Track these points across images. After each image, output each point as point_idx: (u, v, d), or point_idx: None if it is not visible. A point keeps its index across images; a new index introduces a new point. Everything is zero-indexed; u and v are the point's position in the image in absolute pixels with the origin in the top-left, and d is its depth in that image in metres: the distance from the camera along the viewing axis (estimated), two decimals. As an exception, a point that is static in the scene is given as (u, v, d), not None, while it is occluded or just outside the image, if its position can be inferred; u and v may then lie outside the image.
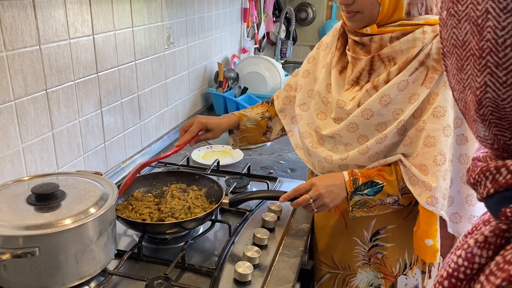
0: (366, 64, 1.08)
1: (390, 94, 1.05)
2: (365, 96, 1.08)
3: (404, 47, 1.04)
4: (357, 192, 1.08)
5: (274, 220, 1.24)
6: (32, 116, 1.15)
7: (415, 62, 1.03)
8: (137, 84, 1.63)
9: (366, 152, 1.09)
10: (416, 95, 1.04)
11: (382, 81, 1.06)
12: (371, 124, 1.08)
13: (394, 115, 1.06)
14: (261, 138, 1.38)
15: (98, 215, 0.93)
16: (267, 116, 1.37)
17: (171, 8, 1.79)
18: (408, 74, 1.03)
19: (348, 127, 1.11)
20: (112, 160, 1.55)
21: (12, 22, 1.05)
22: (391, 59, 1.06)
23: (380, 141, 1.07)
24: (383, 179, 1.08)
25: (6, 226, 0.86)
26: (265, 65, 2.46)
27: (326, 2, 3.58)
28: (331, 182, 1.10)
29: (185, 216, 1.13)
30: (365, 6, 1.03)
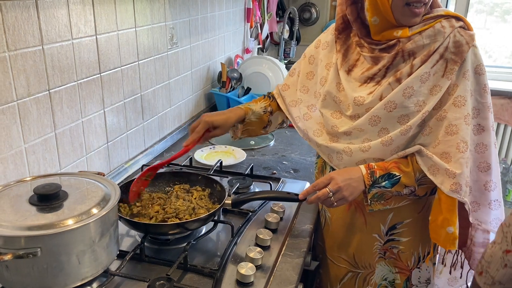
0: (389, 61, 1.10)
1: (413, 86, 1.07)
2: (387, 90, 1.10)
3: (426, 42, 1.08)
4: (375, 184, 1.10)
5: (277, 221, 1.23)
6: (34, 116, 1.15)
7: (436, 55, 1.07)
8: (140, 85, 1.63)
9: (390, 144, 1.11)
10: (438, 86, 1.07)
11: (405, 74, 1.08)
12: (393, 117, 1.10)
13: (416, 107, 1.08)
14: (261, 131, 1.42)
15: (100, 215, 0.93)
16: (269, 111, 1.40)
17: (174, 8, 1.79)
18: (430, 66, 1.07)
19: (370, 120, 1.12)
20: (115, 161, 1.54)
21: (15, 22, 1.05)
22: (412, 53, 1.09)
23: (405, 133, 1.09)
24: (399, 170, 1.10)
25: (8, 227, 0.86)
26: (268, 65, 2.46)
27: (330, 2, 3.57)
28: (349, 175, 1.11)
29: (189, 217, 1.13)
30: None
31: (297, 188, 1.49)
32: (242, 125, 1.37)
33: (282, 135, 2.03)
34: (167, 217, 1.12)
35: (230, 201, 1.18)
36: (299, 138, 1.99)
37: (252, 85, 2.40)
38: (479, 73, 1.08)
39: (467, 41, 1.06)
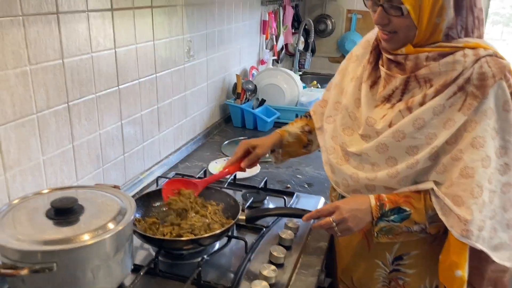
0: (401, 83, 1.05)
1: (424, 117, 1.01)
2: (397, 117, 1.04)
3: (443, 69, 1.00)
4: (383, 218, 1.05)
5: (291, 237, 1.22)
6: (53, 128, 1.16)
7: (453, 86, 0.99)
8: (157, 97, 1.65)
9: (396, 176, 1.05)
10: (452, 121, 0.99)
11: (417, 103, 1.02)
12: (402, 147, 1.04)
13: (427, 140, 1.01)
14: (302, 150, 1.39)
15: (116, 230, 0.93)
16: (306, 130, 1.38)
17: (192, 21, 1.80)
18: (445, 98, 0.99)
19: (377, 147, 1.07)
20: (131, 172, 1.55)
21: (37, 37, 1.06)
22: (428, 80, 1.02)
23: (411, 166, 1.03)
24: (410, 206, 1.04)
25: (25, 241, 0.86)
26: (283, 77, 2.46)
27: (345, 14, 3.57)
28: (356, 206, 1.07)
29: (205, 232, 1.13)
30: (400, 28, 1.01)
31: (311, 203, 1.48)
32: (282, 147, 1.36)
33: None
34: (182, 232, 1.12)
35: (244, 216, 1.18)
36: (314, 152, 1.97)
37: (266, 96, 2.40)
38: (507, 110, 0.98)
39: (494, 74, 0.96)
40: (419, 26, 0.99)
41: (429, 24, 0.99)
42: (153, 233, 1.14)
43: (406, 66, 1.04)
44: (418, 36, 1.01)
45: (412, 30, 1.00)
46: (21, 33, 1.02)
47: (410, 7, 0.97)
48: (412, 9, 0.97)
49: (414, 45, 1.02)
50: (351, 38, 3.55)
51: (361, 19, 3.55)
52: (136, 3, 1.42)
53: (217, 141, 2.09)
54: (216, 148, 1.99)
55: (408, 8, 0.97)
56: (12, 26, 1.00)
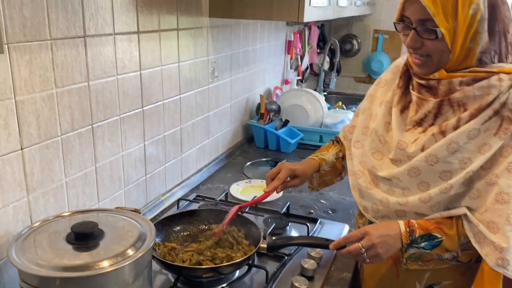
0: (434, 107, 1.03)
1: (458, 141, 0.99)
2: (430, 141, 1.02)
3: (477, 93, 0.98)
4: (413, 244, 1.02)
5: (313, 267, 1.18)
6: (77, 150, 1.16)
7: (489, 111, 0.97)
8: (181, 118, 1.64)
9: (428, 201, 1.02)
10: (488, 145, 0.97)
11: (451, 127, 1.00)
12: (435, 171, 1.01)
13: (461, 164, 0.99)
14: (336, 178, 1.38)
15: (136, 258, 0.91)
16: (340, 156, 1.37)
17: (217, 43, 1.81)
18: (480, 123, 0.97)
19: (409, 171, 1.04)
20: (152, 193, 1.55)
21: (64, 60, 1.08)
22: (462, 104, 1.00)
23: (445, 191, 1.00)
24: (442, 232, 1.02)
25: (44, 266, 0.86)
26: (308, 98, 2.44)
27: (372, 34, 3.54)
28: (385, 232, 1.04)
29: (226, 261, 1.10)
30: (434, 51, 0.99)
31: (335, 231, 1.44)
32: (318, 175, 1.35)
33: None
34: (202, 260, 1.10)
35: (265, 245, 1.15)
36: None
37: (290, 117, 2.38)
38: None
39: None
40: (452, 50, 0.97)
41: (462, 48, 0.97)
42: (172, 259, 1.12)
43: (439, 91, 1.02)
44: (451, 60, 0.99)
45: (446, 54, 0.98)
46: (49, 56, 1.03)
47: (445, 31, 0.95)
48: (447, 33, 0.95)
49: (447, 69, 1.00)
50: (378, 58, 3.51)
51: (388, 39, 3.51)
52: (162, 26, 1.43)
53: (240, 162, 2.07)
54: (239, 169, 1.98)
55: (443, 32, 0.95)
56: (40, 50, 1.01)
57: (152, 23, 1.38)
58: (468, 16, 0.94)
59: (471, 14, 0.94)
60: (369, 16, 3.50)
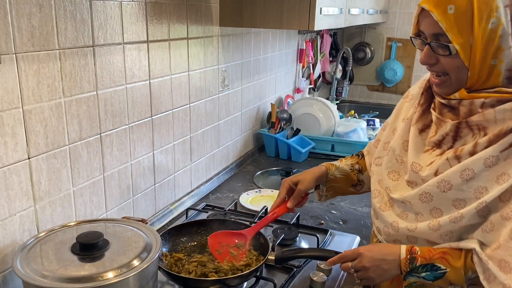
0: (451, 129, 0.95)
1: (474, 168, 0.90)
2: (444, 165, 0.95)
3: (499, 117, 0.89)
4: (413, 273, 0.96)
5: (323, 280, 1.16)
6: (84, 159, 1.16)
7: (510, 137, 0.87)
8: (190, 126, 1.64)
9: (437, 229, 0.95)
10: (507, 175, 0.87)
11: (466, 152, 0.92)
12: (448, 198, 0.93)
13: (476, 194, 0.90)
14: (349, 189, 1.30)
15: (141, 269, 0.90)
16: (357, 169, 1.28)
17: (227, 51, 1.80)
18: (499, 150, 0.88)
19: (420, 196, 0.97)
20: (161, 202, 1.54)
21: (72, 69, 1.08)
22: (482, 128, 0.92)
23: (455, 221, 0.92)
24: (447, 263, 0.94)
25: (48, 277, 0.85)
26: (319, 106, 2.41)
27: (385, 42, 3.51)
28: (381, 255, 0.99)
29: (231, 274, 1.08)
30: (450, 69, 0.92)
31: (346, 243, 1.41)
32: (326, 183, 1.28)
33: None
34: (207, 271, 1.08)
35: (273, 257, 1.13)
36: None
37: (301, 126, 2.36)
38: None
39: None
40: (471, 68, 0.90)
41: (483, 65, 0.89)
42: (178, 271, 1.11)
43: (460, 112, 0.95)
44: (472, 78, 0.91)
45: (464, 72, 0.91)
46: (57, 66, 1.04)
47: (459, 47, 0.88)
48: (461, 49, 0.89)
49: (469, 89, 0.93)
50: (391, 67, 3.48)
51: (401, 47, 3.47)
52: (172, 35, 1.43)
53: (250, 171, 2.05)
54: (249, 178, 1.96)
55: (457, 48, 0.89)
56: (48, 60, 1.01)
57: (162, 32, 1.38)
58: (486, 31, 0.86)
59: (490, 28, 0.86)
60: (382, 24, 3.47)
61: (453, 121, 0.95)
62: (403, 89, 3.56)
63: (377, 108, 3.41)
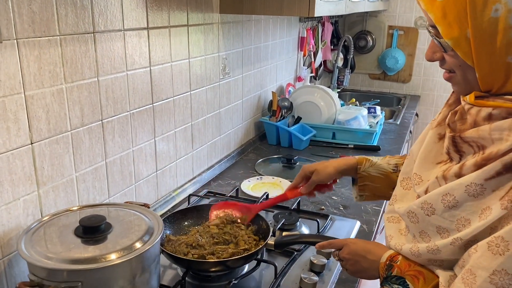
0: (450, 143, 0.82)
1: (455, 195, 0.76)
2: (434, 185, 0.82)
3: (495, 136, 0.73)
4: (388, 281, 0.87)
5: (322, 263, 1.17)
6: (87, 145, 1.17)
7: (497, 164, 0.71)
8: (191, 114, 1.65)
9: (418, 256, 0.84)
10: (489, 210, 0.72)
11: (452, 174, 0.78)
12: (432, 224, 0.81)
13: (458, 226, 0.77)
14: (390, 192, 1.04)
15: (143, 251, 0.92)
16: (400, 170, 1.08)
17: (228, 39, 1.81)
18: (484, 177, 0.73)
19: (408, 214, 0.85)
20: (163, 189, 1.55)
21: (73, 55, 1.08)
22: (480, 146, 0.76)
23: (433, 252, 0.80)
24: (416, 284, 0.83)
25: (52, 258, 0.87)
26: (320, 94, 2.42)
27: (386, 30, 3.50)
28: (363, 252, 0.93)
29: (227, 255, 1.09)
30: (453, 67, 0.79)
31: (346, 227, 1.42)
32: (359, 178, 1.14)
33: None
34: (205, 253, 1.10)
35: (273, 241, 1.14)
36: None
37: (303, 114, 2.37)
38: None
39: None
40: (477, 67, 0.74)
41: (495, 64, 0.73)
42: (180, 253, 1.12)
43: (467, 121, 0.81)
44: (483, 80, 0.75)
45: (470, 72, 0.76)
46: (58, 52, 1.04)
47: (452, 42, 0.74)
48: (455, 44, 0.74)
49: (488, 92, 0.77)
50: (392, 55, 3.47)
51: (403, 35, 3.46)
52: (172, 22, 1.44)
53: (251, 159, 2.07)
54: (250, 166, 1.97)
55: (450, 43, 0.75)
56: (49, 46, 1.02)
57: (162, 19, 1.39)
58: (488, 21, 0.70)
59: (494, 17, 0.70)
60: (383, 12, 3.46)
61: (450, 133, 0.82)
62: (405, 78, 3.56)
63: (379, 97, 3.42)
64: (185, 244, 1.13)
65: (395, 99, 3.49)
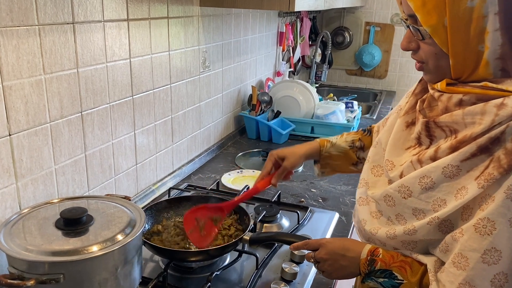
0: (422, 128, 0.85)
1: (432, 177, 0.79)
2: (409, 168, 0.85)
3: (467, 120, 0.77)
4: (372, 276, 0.88)
5: (302, 254, 1.19)
6: (66, 138, 1.16)
7: (472, 146, 0.75)
8: (171, 107, 1.64)
9: (394, 238, 0.86)
10: (465, 190, 0.76)
11: (428, 157, 0.82)
12: (408, 206, 0.84)
13: (434, 206, 0.80)
14: (349, 168, 1.21)
15: (125, 242, 0.91)
16: (357, 146, 1.19)
17: (207, 32, 1.80)
18: (459, 159, 0.76)
19: (385, 198, 0.88)
20: (143, 182, 1.55)
21: (52, 46, 1.07)
22: (453, 131, 0.80)
23: (409, 233, 0.83)
24: (404, 274, 0.85)
25: (33, 251, 0.85)
26: (299, 89, 2.44)
27: (363, 27, 3.55)
28: (341, 250, 0.92)
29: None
30: (427, 56, 0.82)
31: (325, 219, 1.45)
32: (322, 158, 1.21)
33: (311, 161, 1.99)
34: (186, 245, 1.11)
35: (248, 237, 1.12)
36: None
37: (282, 108, 2.39)
38: None
39: None
40: (451, 54, 0.77)
41: (468, 52, 0.76)
42: (162, 245, 1.12)
43: (438, 107, 0.84)
44: (455, 67, 0.78)
45: (444, 60, 0.79)
46: (37, 42, 1.03)
47: (431, 29, 0.76)
48: (433, 32, 0.76)
49: (457, 79, 0.81)
50: (369, 51, 3.52)
51: (379, 32, 3.52)
52: (152, 14, 1.43)
53: (231, 152, 2.07)
54: (230, 160, 1.98)
55: (428, 31, 0.77)
56: (28, 36, 1.00)
57: (142, 11, 1.37)
58: (464, 10, 0.73)
59: (469, 7, 0.73)
60: (360, 8, 3.50)
61: (424, 118, 0.86)
62: (381, 73, 3.62)
63: (356, 92, 3.46)
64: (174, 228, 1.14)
65: (372, 95, 3.54)
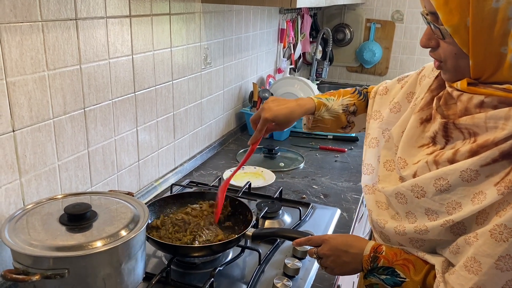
0: (440, 128, 0.85)
1: (449, 179, 0.79)
2: (423, 169, 0.84)
3: (490, 125, 0.75)
4: (374, 273, 0.89)
5: (305, 250, 1.19)
6: (69, 134, 1.16)
7: (494, 151, 0.74)
8: (173, 104, 1.64)
9: (403, 235, 0.86)
10: (483, 195, 0.75)
11: (445, 159, 0.81)
12: (420, 206, 0.84)
13: (448, 208, 0.80)
14: (337, 130, 1.23)
15: (129, 238, 0.92)
16: (350, 111, 1.19)
17: (209, 29, 1.80)
18: (479, 164, 0.75)
19: (396, 195, 0.88)
20: (145, 179, 1.55)
21: (55, 42, 1.07)
22: (472, 133, 0.79)
23: (420, 232, 0.83)
24: (407, 272, 0.85)
25: (37, 246, 0.86)
26: (300, 86, 2.44)
27: (364, 24, 3.55)
28: (344, 247, 0.93)
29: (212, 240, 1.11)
30: (446, 55, 0.80)
31: (327, 215, 1.45)
32: (313, 119, 1.21)
33: (312, 158, 2.00)
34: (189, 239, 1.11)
35: (251, 233, 1.13)
36: (330, 162, 1.95)
37: (283, 105, 2.38)
38: None
39: None
40: (472, 55, 0.76)
41: (489, 53, 0.74)
42: (166, 240, 1.13)
43: (457, 107, 0.82)
44: (475, 68, 0.77)
45: (464, 60, 0.77)
46: (40, 38, 1.03)
47: (452, 29, 0.75)
48: (454, 31, 0.75)
49: (477, 80, 0.79)
50: (370, 48, 3.52)
51: (380, 29, 3.52)
52: (154, 10, 1.43)
53: (233, 149, 2.07)
54: (232, 156, 1.98)
55: (449, 30, 0.75)
56: (31, 32, 1.00)
57: (144, 7, 1.37)
58: (490, 10, 0.71)
59: (495, 7, 0.71)
60: (361, 5, 3.50)
61: (442, 119, 0.84)
62: (381, 70, 3.62)
63: (356, 89, 3.46)
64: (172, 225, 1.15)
65: (372, 92, 3.54)
